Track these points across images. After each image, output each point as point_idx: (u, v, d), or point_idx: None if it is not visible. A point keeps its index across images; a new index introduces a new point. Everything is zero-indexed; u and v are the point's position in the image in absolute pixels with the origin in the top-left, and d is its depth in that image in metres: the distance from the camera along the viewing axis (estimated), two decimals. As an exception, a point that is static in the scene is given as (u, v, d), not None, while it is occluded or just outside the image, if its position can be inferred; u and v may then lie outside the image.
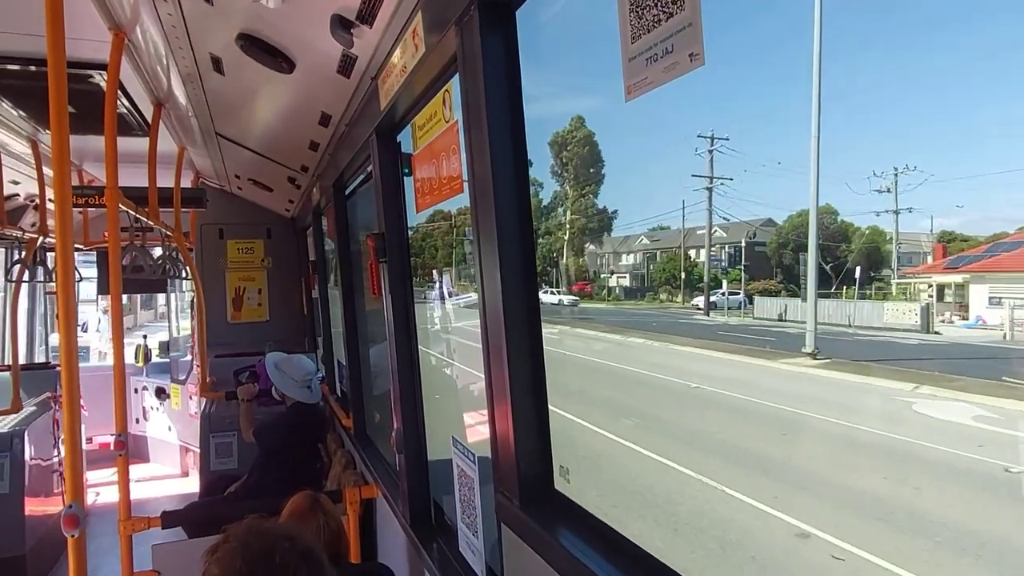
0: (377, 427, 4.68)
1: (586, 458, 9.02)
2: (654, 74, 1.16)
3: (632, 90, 1.23)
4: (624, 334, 20.96)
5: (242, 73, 3.34)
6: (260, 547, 1.71)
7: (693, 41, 1.07)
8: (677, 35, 1.10)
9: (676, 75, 1.11)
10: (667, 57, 1.13)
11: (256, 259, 7.88)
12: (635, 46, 1.21)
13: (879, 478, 7.59)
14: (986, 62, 15.41)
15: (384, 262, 3.12)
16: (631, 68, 1.23)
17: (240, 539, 1.75)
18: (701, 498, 7.71)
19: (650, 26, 1.17)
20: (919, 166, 16.66)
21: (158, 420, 8.63)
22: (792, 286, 21.92)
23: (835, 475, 8.02)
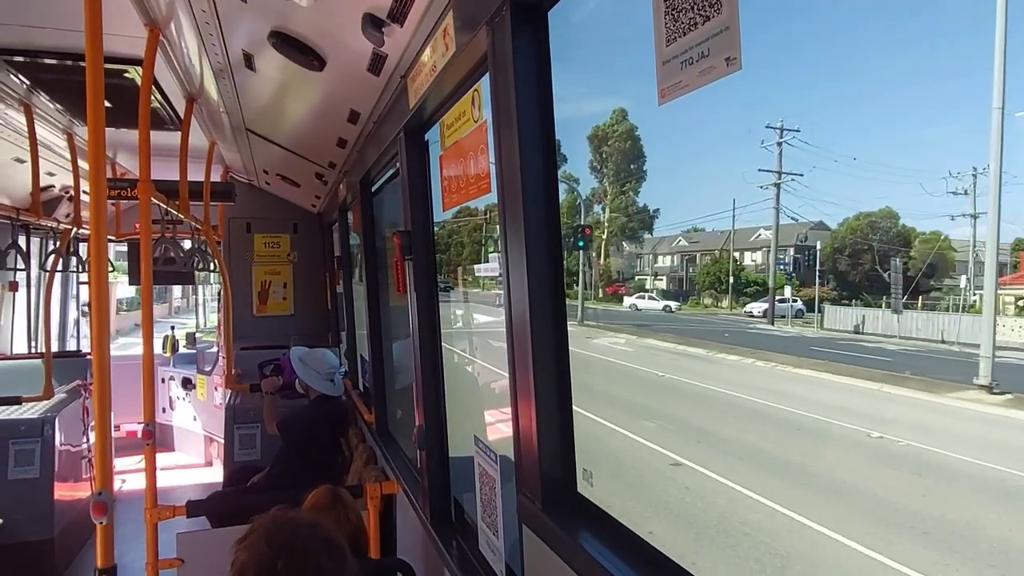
0: (399, 423, 4.71)
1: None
2: (689, 78, 1.15)
3: (666, 93, 1.22)
4: (698, 346, 19.27)
5: (273, 70, 3.38)
6: (284, 533, 1.78)
7: (730, 45, 1.06)
8: (714, 39, 1.09)
9: (712, 79, 1.10)
10: (703, 61, 1.11)
11: (282, 253, 7.97)
12: (670, 49, 1.20)
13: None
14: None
15: (410, 259, 3.13)
16: (665, 71, 1.21)
17: (265, 527, 1.81)
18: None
19: (685, 29, 1.16)
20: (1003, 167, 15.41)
21: (183, 410, 8.76)
22: (842, 292, 20.79)
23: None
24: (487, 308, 23.13)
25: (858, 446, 9.60)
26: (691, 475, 8.53)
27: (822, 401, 12.39)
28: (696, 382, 15.20)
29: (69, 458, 5.67)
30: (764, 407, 12.74)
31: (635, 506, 7.74)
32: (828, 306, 20.06)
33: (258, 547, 1.75)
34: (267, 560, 1.72)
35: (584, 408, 10.84)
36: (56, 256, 6.02)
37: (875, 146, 26.11)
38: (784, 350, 17.03)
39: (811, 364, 15.14)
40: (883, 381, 12.43)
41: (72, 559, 5.61)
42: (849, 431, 10.33)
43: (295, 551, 1.74)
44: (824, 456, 9.50)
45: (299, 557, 1.74)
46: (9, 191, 5.66)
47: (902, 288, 16.46)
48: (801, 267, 23.56)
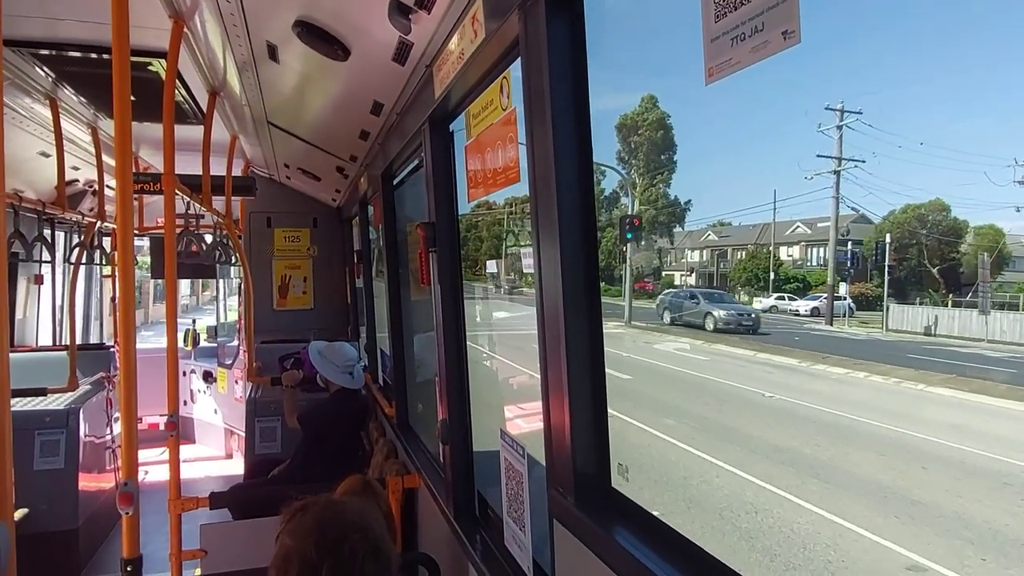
0: (420, 416, 4.69)
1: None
2: (740, 54, 1.10)
3: (714, 72, 1.17)
4: (779, 353, 17.03)
5: (297, 61, 3.36)
6: (333, 535, 1.75)
7: (788, 17, 1.01)
8: (769, 12, 1.04)
9: (766, 55, 1.05)
10: (756, 36, 1.07)
11: (302, 247, 8.00)
12: (719, 25, 1.15)
13: None
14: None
15: (434, 251, 3.10)
16: (714, 48, 1.17)
17: (317, 520, 1.78)
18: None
19: (737, 3, 1.11)
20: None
21: (204, 403, 8.83)
22: (886, 290, 19.59)
23: None
24: (501, 304, 22.20)
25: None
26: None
27: (996, 434, 10.32)
28: (824, 407, 12.40)
29: (93, 449, 5.72)
30: (978, 459, 9.45)
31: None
32: (894, 305, 18.86)
33: (306, 544, 1.73)
34: (312, 563, 1.71)
35: (712, 454, 9.64)
36: (81, 249, 6.07)
37: (940, 131, 25.07)
38: (882, 359, 15.19)
39: (940, 380, 13.12)
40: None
41: (96, 549, 5.67)
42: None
43: (341, 558, 1.71)
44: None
45: (345, 564, 1.71)
46: (35, 184, 5.71)
47: (977, 286, 14.86)
48: (859, 262, 22.16)
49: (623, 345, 19.23)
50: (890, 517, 7.48)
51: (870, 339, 18.35)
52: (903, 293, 19.66)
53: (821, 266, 25.74)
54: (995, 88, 22.21)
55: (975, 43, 22.52)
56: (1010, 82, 19.68)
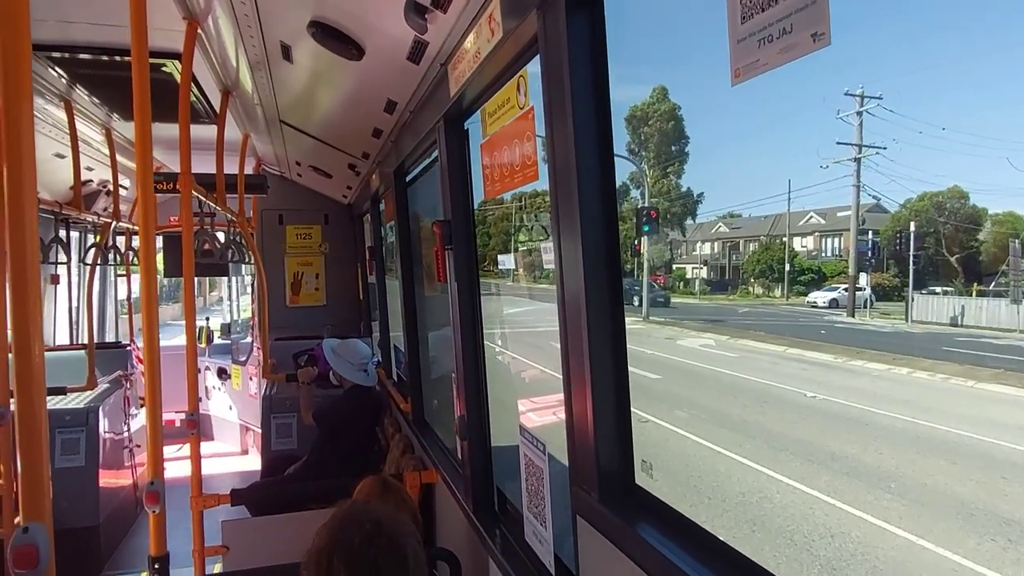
0: (436, 412, 4.72)
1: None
2: (768, 56, 1.11)
3: (740, 73, 1.17)
4: (812, 348, 16.27)
5: (310, 60, 3.38)
6: (345, 528, 1.81)
7: (818, 19, 1.01)
8: (798, 13, 1.04)
9: (795, 56, 1.06)
10: (784, 38, 1.07)
11: (314, 244, 8.04)
12: (745, 27, 1.16)
13: None
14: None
15: (450, 249, 3.11)
16: (740, 50, 1.17)
17: (350, 537, 1.80)
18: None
19: (764, 5, 1.11)
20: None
21: (219, 399, 8.90)
22: (904, 279, 19.02)
23: None
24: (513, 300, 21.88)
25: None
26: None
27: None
28: (874, 408, 11.60)
29: (112, 447, 5.79)
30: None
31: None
32: (919, 296, 18.30)
33: (322, 538, 1.80)
34: (325, 551, 1.77)
35: (764, 464, 8.86)
36: (97, 250, 6.12)
37: (963, 116, 24.52)
38: (917, 352, 14.58)
39: (990, 375, 12.50)
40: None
41: (116, 545, 5.74)
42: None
43: (352, 546, 1.77)
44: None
45: (355, 553, 1.76)
46: (50, 186, 5.76)
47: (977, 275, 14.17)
48: (878, 252, 21.53)
49: (645, 342, 18.81)
50: (984, 539, 6.83)
51: (897, 331, 17.86)
52: (920, 283, 19.39)
53: (837, 257, 25.52)
54: (1019, 71, 21.93)
55: (1000, 26, 22.20)
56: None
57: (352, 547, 1.77)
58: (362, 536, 1.78)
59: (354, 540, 1.77)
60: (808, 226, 28.19)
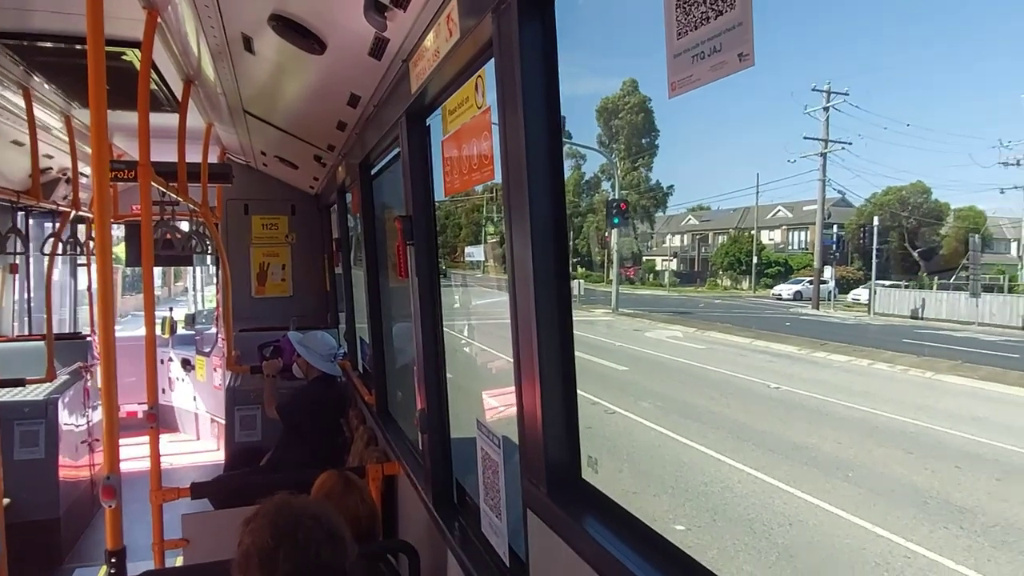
0: (400, 404, 4.74)
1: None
2: (701, 72, 1.15)
3: (676, 87, 1.22)
4: (776, 340, 16.35)
5: (273, 52, 3.36)
6: (287, 524, 1.88)
7: (743, 41, 1.06)
8: (726, 34, 1.09)
9: (724, 74, 1.10)
10: (715, 56, 1.12)
11: (280, 235, 7.96)
12: (681, 42, 1.20)
13: None
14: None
15: (411, 244, 3.14)
16: (676, 64, 1.22)
17: (271, 514, 1.91)
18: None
19: (697, 23, 1.16)
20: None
21: (183, 391, 8.81)
22: (868, 273, 19.38)
23: None
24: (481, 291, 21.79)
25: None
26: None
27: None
28: (834, 399, 11.86)
29: (72, 439, 5.72)
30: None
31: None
32: (881, 289, 18.70)
33: (262, 536, 1.86)
34: (269, 550, 1.83)
35: (728, 455, 8.91)
36: (55, 239, 6.01)
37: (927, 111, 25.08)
38: (879, 345, 14.87)
39: (948, 367, 12.73)
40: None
41: (78, 538, 5.68)
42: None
43: (297, 542, 1.84)
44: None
45: (300, 548, 1.84)
46: (8, 175, 5.64)
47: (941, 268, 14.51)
48: (843, 245, 21.92)
49: (613, 334, 19.01)
50: (937, 526, 7.02)
51: (859, 323, 18.17)
52: (884, 276, 19.86)
53: (803, 250, 25.98)
54: (983, 68, 22.59)
55: (963, 24, 22.69)
56: (998, 63, 20.07)
57: (296, 540, 1.84)
58: (305, 530, 1.85)
59: (297, 534, 1.85)
60: (776, 219, 28.63)
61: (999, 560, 6.30)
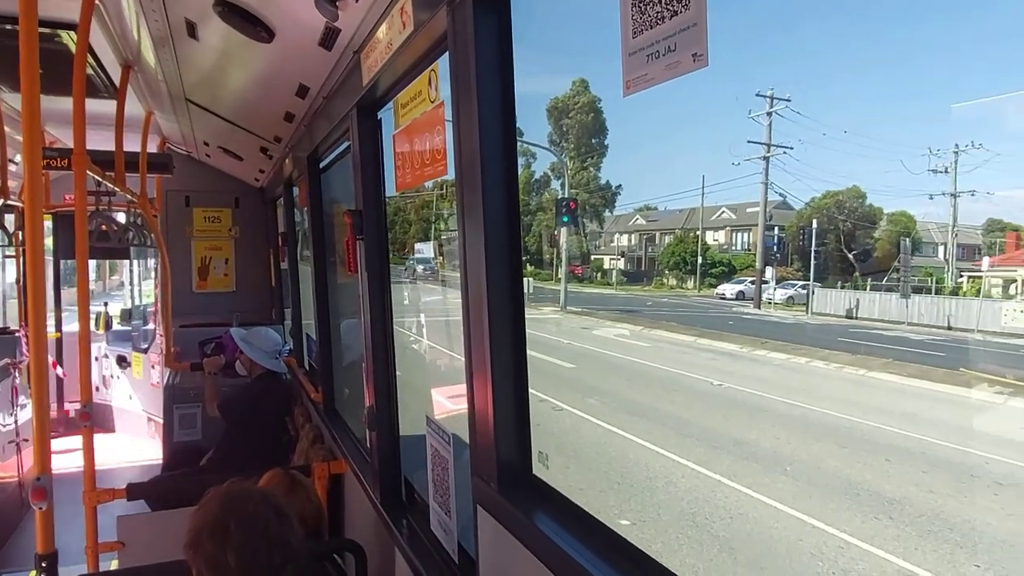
0: (347, 402, 4.67)
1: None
2: (655, 71, 1.17)
3: (631, 85, 1.23)
4: (720, 339, 16.65)
5: (217, 39, 3.25)
6: (237, 499, 1.95)
7: (697, 41, 1.07)
8: (681, 34, 1.11)
9: (677, 74, 1.12)
10: (669, 55, 1.13)
11: (223, 228, 7.74)
12: (636, 41, 1.21)
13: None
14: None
15: (361, 239, 3.09)
16: (631, 63, 1.23)
17: (220, 493, 1.99)
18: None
19: (652, 22, 1.17)
20: (985, 144, 14.07)
21: (119, 389, 8.48)
22: (807, 274, 20.19)
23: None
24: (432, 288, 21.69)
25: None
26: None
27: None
28: (774, 395, 12.21)
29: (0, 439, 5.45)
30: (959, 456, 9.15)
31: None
32: (819, 289, 19.46)
33: (212, 510, 1.92)
34: (219, 520, 1.89)
35: (672, 450, 9.10)
36: None
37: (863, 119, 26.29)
38: (816, 343, 15.34)
39: (880, 364, 13.20)
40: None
41: (5, 541, 5.42)
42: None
43: (247, 514, 1.91)
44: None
45: (249, 519, 1.90)
46: None
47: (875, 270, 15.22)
48: (784, 247, 22.68)
49: (562, 331, 19.19)
50: (869, 517, 7.28)
51: (798, 323, 18.79)
52: (821, 277, 20.63)
53: (746, 250, 26.73)
54: (916, 79, 23.75)
55: (899, 37, 23.64)
56: (933, 74, 21.19)
57: (247, 512, 1.90)
58: (254, 503, 1.93)
59: (247, 506, 1.92)
60: (720, 220, 29.36)
61: (924, 548, 6.60)
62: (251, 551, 1.86)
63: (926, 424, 10.41)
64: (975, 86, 22.50)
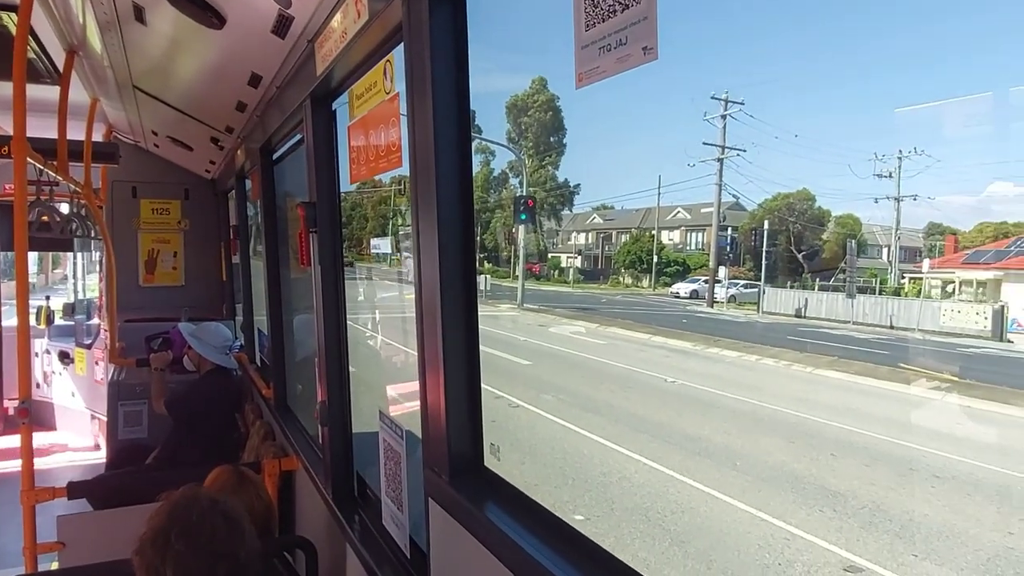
0: (300, 398, 4.61)
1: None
2: (607, 64, 1.18)
3: (583, 78, 1.24)
4: (674, 336, 16.94)
5: (166, 24, 3.17)
6: (182, 507, 1.90)
7: (648, 35, 1.09)
8: (632, 27, 1.12)
9: (628, 67, 1.14)
10: (620, 48, 1.15)
11: (172, 221, 7.54)
12: (588, 34, 1.23)
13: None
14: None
15: (314, 232, 3.05)
16: (583, 56, 1.24)
17: (172, 499, 1.95)
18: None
19: (604, 16, 1.19)
20: (927, 150, 14.66)
21: (61, 385, 8.20)
22: (758, 274, 20.85)
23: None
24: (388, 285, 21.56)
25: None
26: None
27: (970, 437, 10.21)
28: (725, 392, 12.56)
29: None
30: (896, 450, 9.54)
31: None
32: (769, 288, 20.08)
33: (159, 517, 1.88)
34: (162, 529, 1.84)
35: (627, 446, 9.26)
36: None
37: (816, 123, 27.09)
38: (767, 341, 15.79)
39: (827, 362, 13.64)
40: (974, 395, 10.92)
41: None
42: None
43: (190, 523, 1.85)
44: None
45: (193, 527, 1.85)
46: None
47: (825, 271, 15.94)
48: (737, 247, 23.34)
49: (519, 329, 19.30)
50: (814, 510, 7.53)
51: (749, 321, 19.34)
52: (772, 277, 21.21)
53: (700, 250, 27.24)
54: (864, 86, 24.76)
55: (850, 46, 24.39)
56: (879, 81, 22.09)
57: (190, 522, 1.84)
58: (199, 511, 1.87)
59: (191, 515, 1.86)
60: (676, 220, 29.87)
61: (866, 539, 6.87)
62: (188, 564, 1.80)
63: (869, 419, 10.88)
64: (919, 94, 23.45)
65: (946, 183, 23.90)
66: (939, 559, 6.51)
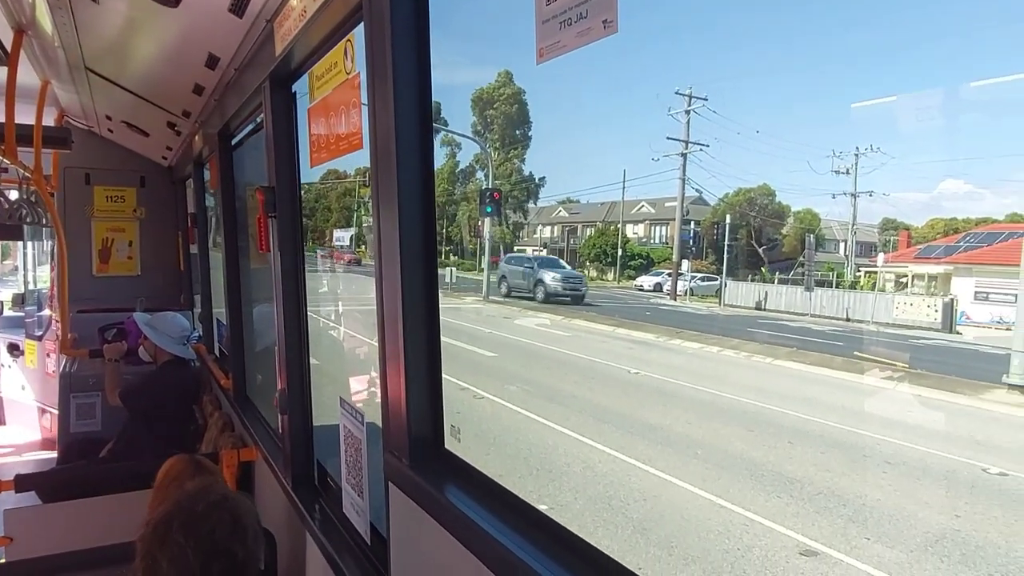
0: (259, 388, 4.54)
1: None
2: (567, 38, 1.18)
3: (544, 53, 1.24)
4: (637, 328, 17.10)
5: (121, 3, 3.08)
6: (192, 496, 1.87)
7: (608, 7, 1.09)
8: (591, 1, 1.12)
9: (589, 40, 1.14)
10: (581, 22, 1.15)
11: (127, 208, 7.34)
12: (549, 8, 1.23)
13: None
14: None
15: (273, 217, 3.00)
16: (544, 30, 1.24)
17: (183, 490, 1.95)
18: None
19: (565, -10, 1.19)
20: (882, 147, 15.24)
21: (11, 379, 7.94)
22: (720, 267, 21.25)
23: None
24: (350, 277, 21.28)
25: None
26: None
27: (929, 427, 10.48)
28: (687, 383, 12.80)
29: None
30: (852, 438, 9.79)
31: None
32: (731, 282, 20.51)
33: (166, 506, 1.86)
34: (165, 518, 1.80)
35: (590, 437, 9.35)
36: None
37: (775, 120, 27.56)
38: (727, 333, 16.09)
39: (785, 353, 14.00)
40: (927, 385, 11.31)
41: None
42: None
43: (194, 514, 1.81)
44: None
45: (196, 520, 1.80)
46: None
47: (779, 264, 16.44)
48: (699, 241, 23.75)
49: (484, 321, 19.36)
50: (772, 496, 7.66)
51: (711, 313, 19.67)
52: (733, 270, 21.60)
53: (664, 244, 27.56)
54: (821, 82, 25.31)
55: (808, 43, 24.87)
56: (839, 78, 22.63)
57: (194, 514, 1.80)
58: (206, 504, 1.82)
59: (198, 507, 1.81)
60: (640, 214, 30.16)
61: (821, 524, 7.04)
62: (184, 556, 1.74)
63: (825, 408, 11.21)
64: (877, 91, 24.06)
65: (900, 180, 24.70)
66: (890, 541, 6.69)
